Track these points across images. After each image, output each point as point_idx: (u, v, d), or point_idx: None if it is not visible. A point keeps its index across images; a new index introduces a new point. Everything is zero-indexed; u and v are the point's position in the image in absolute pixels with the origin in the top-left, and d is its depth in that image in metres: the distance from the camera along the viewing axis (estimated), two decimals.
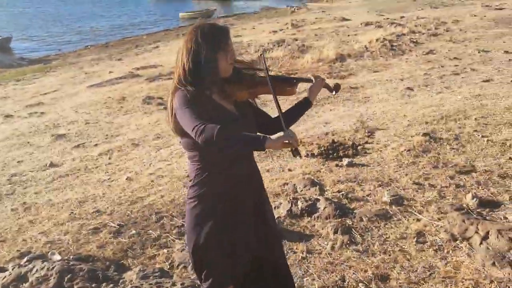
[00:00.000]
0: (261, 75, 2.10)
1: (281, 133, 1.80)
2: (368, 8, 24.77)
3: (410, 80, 7.70)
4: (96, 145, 6.59)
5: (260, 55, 2.12)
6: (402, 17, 17.85)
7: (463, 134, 5.02)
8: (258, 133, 1.95)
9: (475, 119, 5.43)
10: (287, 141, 1.78)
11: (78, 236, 3.85)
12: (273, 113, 2.09)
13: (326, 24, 18.58)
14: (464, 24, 13.88)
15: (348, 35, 13.93)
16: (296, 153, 1.89)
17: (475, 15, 15.83)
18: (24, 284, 2.88)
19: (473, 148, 4.65)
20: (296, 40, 13.85)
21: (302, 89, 2.83)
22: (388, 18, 17.77)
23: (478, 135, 4.95)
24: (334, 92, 2.33)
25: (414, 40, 11.55)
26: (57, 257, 3.39)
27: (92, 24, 37.01)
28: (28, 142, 7.26)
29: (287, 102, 5.24)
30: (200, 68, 1.94)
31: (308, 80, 2.24)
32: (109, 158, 5.98)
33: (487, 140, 4.77)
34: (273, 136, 1.79)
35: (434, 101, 6.39)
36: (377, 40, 11.60)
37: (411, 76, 8.00)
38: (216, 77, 1.97)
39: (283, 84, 2.15)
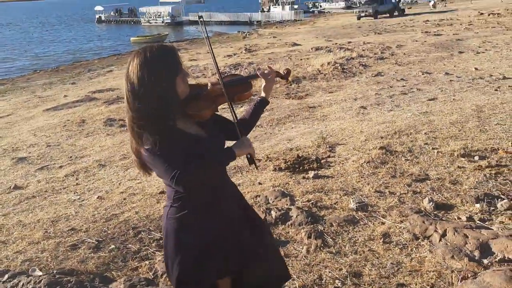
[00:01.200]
0: (212, 85, 2.12)
1: (245, 141, 2.01)
2: (316, 34, 25.90)
3: (363, 100, 8.22)
4: (61, 166, 6.55)
5: (199, 17, 2.16)
6: (349, 42, 18.83)
7: (415, 147, 5.48)
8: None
9: (425, 133, 5.92)
10: (249, 150, 2.01)
11: (57, 253, 3.88)
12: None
13: (278, 49, 19.24)
14: (407, 49, 14.88)
15: (301, 59, 14.55)
16: (251, 161, 2.04)
17: (416, 40, 16.99)
18: None
19: (425, 159, 5.09)
20: (252, 63, 14.30)
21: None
22: (336, 43, 18.69)
23: (429, 147, 5.42)
24: (286, 80, 2.46)
25: (363, 63, 12.28)
26: (38, 273, 3.42)
27: (41, 50, 36.19)
28: None
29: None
30: (162, 99, 1.87)
31: (256, 76, 2.30)
32: (76, 179, 5.98)
33: (437, 152, 5.24)
34: (237, 145, 1.99)
35: (386, 118, 6.89)
36: (328, 63, 12.24)
37: (364, 96, 8.54)
38: (177, 104, 1.93)
39: (240, 88, 2.18)
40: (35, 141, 8.13)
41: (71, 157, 6.99)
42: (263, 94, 2.28)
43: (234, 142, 2.05)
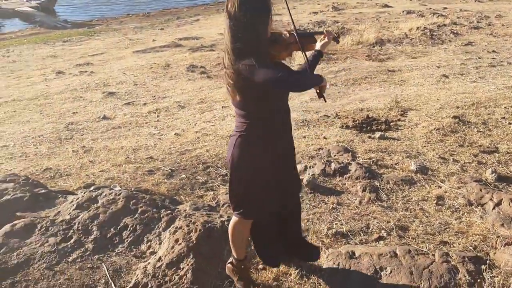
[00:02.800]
0: (289, 33, 2.39)
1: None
2: None
3: (446, 68, 7.92)
4: (145, 104, 7.13)
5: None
6: (445, 8, 17.70)
7: (491, 120, 5.30)
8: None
9: (505, 107, 5.68)
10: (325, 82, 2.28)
11: (135, 175, 4.38)
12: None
13: (367, 9, 18.58)
14: (507, 20, 13.76)
15: (389, 22, 14.01)
16: (321, 95, 2.32)
17: None
18: (95, 204, 3.40)
19: (499, 133, 4.94)
20: (337, 22, 14.04)
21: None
22: (430, 8, 17.64)
23: (505, 122, 5.22)
24: (337, 42, 2.68)
25: (455, 31, 11.62)
26: (118, 188, 3.92)
27: None
28: (81, 97, 7.88)
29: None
30: (260, 34, 2.16)
31: (321, 33, 2.57)
32: (157, 116, 6.50)
33: None
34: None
35: (467, 88, 6.65)
36: (417, 28, 11.71)
37: (448, 64, 8.21)
38: (267, 41, 2.22)
39: (308, 40, 2.51)
40: (124, 79, 8.81)
41: (154, 96, 7.54)
42: (319, 48, 2.49)
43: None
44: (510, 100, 6.01)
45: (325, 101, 2.59)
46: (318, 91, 2.32)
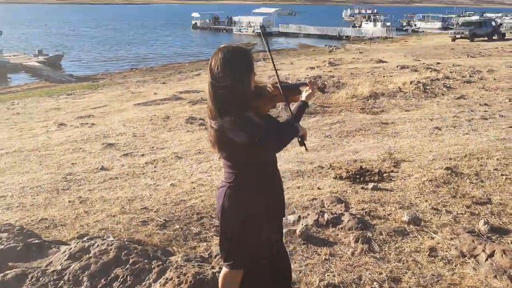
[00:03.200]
0: (273, 86, 2.47)
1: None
2: (405, 53, 25.34)
3: (439, 121, 8.09)
4: (142, 155, 7.23)
5: (261, 27, 2.64)
6: (438, 63, 18.28)
7: (484, 171, 5.37)
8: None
9: (497, 159, 5.77)
10: (305, 131, 2.42)
11: (129, 226, 4.39)
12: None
13: (362, 65, 19.16)
14: (499, 74, 14.19)
15: (384, 76, 14.43)
16: (302, 143, 2.43)
17: (511, 66, 16.09)
18: (87, 255, 3.40)
19: (491, 184, 5.00)
20: (333, 77, 14.44)
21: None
22: (424, 63, 18.23)
23: (498, 173, 5.29)
24: (322, 92, 2.77)
25: (448, 85, 11.95)
26: (111, 239, 3.93)
27: (138, 50, 38.94)
28: (80, 148, 7.99)
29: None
30: (240, 90, 2.23)
31: (306, 84, 2.63)
32: (155, 167, 6.58)
33: (506, 178, 5.11)
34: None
35: (460, 140, 6.77)
36: (411, 82, 12.06)
37: (441, 117, 8.39)
38: (250, 96, 2.29)
39: (293, 92, 2.55)
40: (123, 131, 8.97)
41: (152, 147, 7.66)
42: (304, 99, 2.55)
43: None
44: (502, 152, 6.10)
45: (306, 150, 2.63)
46: (299, 139, 2.41)
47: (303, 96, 2.59)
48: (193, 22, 67.53)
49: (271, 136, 2.25)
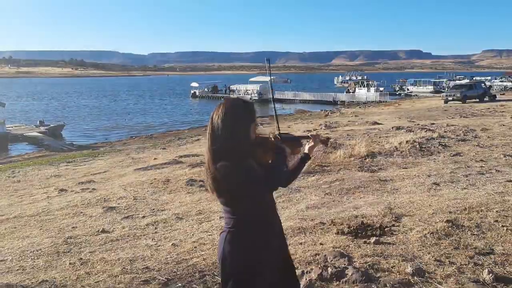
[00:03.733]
0: (274, 137, 2.60)
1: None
2: (399, 115, 25.93)
3: (437, 177, 8.19)
4: (143, 217, 7.23)
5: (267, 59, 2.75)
6: (432, 124, 18.67)
7: (484, 223, 5.40)
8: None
9: (497, 211, 5.81)
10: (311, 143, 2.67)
11: (131, 285, 4.35)
12: None
13: (358, 127, 19.56)
14: (492, 132, 14.49)
15: (379, 137, 14.68)
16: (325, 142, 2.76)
17: (503, 125, 16.48)
18: None
19: (493, 235, 5.01)
20: (329, 138, 14.69)
21: None
22: (418, 124, 18.62)
23: (499, 225, 5.31)
24: (325, 145, 2.96)
25: (443, 144, 12.17)
26: None
27: (138, 119, 39.78)
28: (81, 212, 7.99)
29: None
30: (240, 139, 2.38)
31: (307, 137, 2.77)
32: (155, 228, 6.56)
33: (507, 229, 5.13)
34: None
35: (459, 195, 6.83)
36: (407, 141, 12.27)
37: (438, 173, 8.50)
38: (250, 145, 2.43)
39: (293, 144, 2.66)
40: (124, 194, 9.01)
41: (153, 209, 7.67)
42: (306, 151, 2.70)
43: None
44: (501, 204, 6.16)
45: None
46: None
47: (306, 149, 2.71)
48: (192, 91, 69.38)
49: (271, 176, 2.39)
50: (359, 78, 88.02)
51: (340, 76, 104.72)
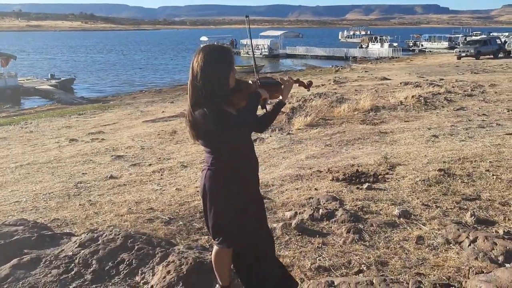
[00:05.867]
0: (252, 82, 2.64)
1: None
2: (409, 71, 25.66)
3: (437, 129, 8.32)
4: (150, 164, 7.54)
5: (246, 16, 2.82)
6: (441, 79, 18.55)
7: (476, 172, 5.58)
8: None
9: (490, 162, 5.98)
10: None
11: (135, 223, 4.66)
12: None
13: (367, 82, 19.50)
14: (500, 88, 14.41)
15: (387, 92, 14.72)
16: (263, 106, 2.65)
17: None
18: (96, 243, 3.68)
19: (482, 183, 5.20)
20: (336, 93, 14.76)
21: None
22: (427, 80, 18.50)
23: (490, 174, 5.49)
24: (308, 89, 2.97)
25: (449, 99, 12.20)
26: (118, 230, 4.19)
27: (148, 74, 39.74)
28: (91, 160, 8.33)
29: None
30: (217, 86, 2.45)
31: (280, 83, 2.75)
32: (161, 175, 6.88)
33: (497, 178, 5.32)
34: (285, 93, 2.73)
35: (456, 146, 6.99)
36: (413, 96, 12.33)
37: (439, 126, 8.63)
38: (228, 91, 2.49)
39: (271, 88, 2.69)
40: (132, 144, 9.32)
41: (159, 158, 7.98)
42: (280, 97, 2.77)
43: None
44: (495, 155, 6.31)
45: (267, 111, 2.78)
46: (261, 104, 2.62)
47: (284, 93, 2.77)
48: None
49: (243, 120, 2.50)
50: (363, 33, 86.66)
51: (345, 31, 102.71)
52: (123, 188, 6.27)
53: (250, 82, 2.69)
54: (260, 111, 2.67)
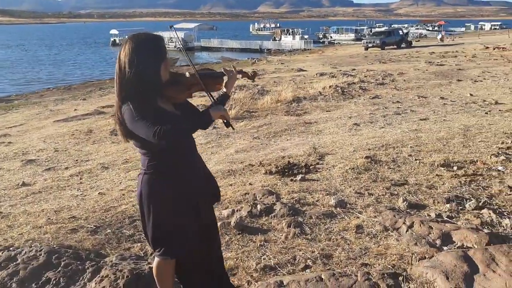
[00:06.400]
0: (190, 75, 2.40)
1: (213, 106, 2.29)
2: (323, 62, 26.54)
3: (357, 118, 8.60)
4: (66, 168, 6.95)
5: (170, 26, 2.51)
6: (353, 69, 19.36)
7: (400, 158, 5.80)
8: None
9: (410, 147, 6.26)
10: (223, 113, 2.29)
11: (57, 235, 4.21)
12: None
13: (284, 74, 19.80)
14: (408, 76, 15.33)
15: (305, 83, 15.04)
16: (227, 124, 2.37)
17: (418, 69, 17.46)
18: (14, 262, 3.24)
19: (407, 168, 5.41)
20: (257, 85, 14.78)
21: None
22: (341, 70, 19.22)
23: (412, 159, 5.74)
24: (252, 80, 2.79)
25: (363, 88, 12.71)
26: (39, 246, 3.75)
27: (53, 70, 37.16)
28: None
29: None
30: (146, 78, 2.18)
31: (223, 74, 2.48)
32: (80, 179, 6.36)
33: (419, 162, 5.56)
34: (212, 109, 2.26)
35: (377, 133, 7.25)
36: (330, 86, 12.69)
37: (358, 115, 8.92)
38: (159, 86, 2.24)
39: (211, 80, 2.45)
40: (44, 147, 8.56)
41: (76, 160, 7.39)
42: (224, 89, 2.47)
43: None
44: (414, 140, 6.62)
45: (233, 129, 2.64)
46: (224, 121, 2.39)
47: (223, 87, 2.49)
48: (112, 39, 65.79)
49: (169, 128, 2.13)
50: (273, 26, 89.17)
51: (256, 24, 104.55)
52: (38, 196, 5.70)
53: (187, 74, 2.44)
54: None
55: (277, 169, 5.65)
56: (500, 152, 5.77)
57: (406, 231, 3.70)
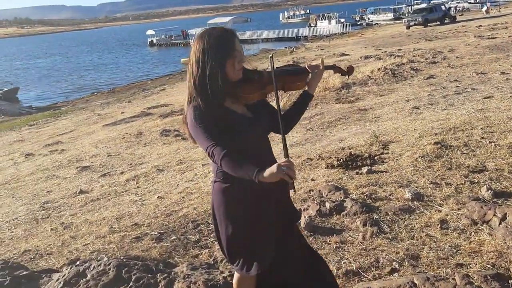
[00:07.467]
0: (267, 72, 2.12)
1: (274, 169, 1.81)
2: (364, 44, 25.73)
3: (415, 101, 8.11)
4: (122, 173, 6.91)
5: (270, 57, 2.09)
6: (399, 49, 18.59)
7: (472, 141, 5.35)
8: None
9: (481, 128, 5.77)
10: (281, 176, 1.80)
11: (122, 244, 4.11)
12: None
13: (326, 60, 19.18)
14: (459, 52, 14.50)
15: None
16: (291, 186, 1.86)
17: (469, 44, 16.52)
18: (84, 279, 3.12)
19: (482, 152, 4.96)
20: (352, 67, 14.41)
21: None
22: (386, 52, 18.48)
23: (486, 141, 5.27)
24: (347, 76, 2.42)
25: (414, 68, 12.09)
26: (106, 259, 3.64)
27: (96, 74, 38.09)
28: (53, 175, 7.60)
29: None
30: (210, 76, 1.99)
31: (307, 71, 2.21)
32: (137, 183, 6.28)
33: (495, 145, 5.09)
34: (266, 172, 1.83)
35: (440, 116, 6.77)
36: (378, 69, 12.14)
37: (416, 97, 8.42)
38: (226, 85, 2.01)
39: (291, 78, 2.17)
40: (96, 152, 8.60)
41: (131, 164, 7.35)
42: (306, 88, 2.24)
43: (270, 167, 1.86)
44: (483, 121, 6.12)
45: (294, 192, 2.03)
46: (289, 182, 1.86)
47: (307, 84, 2.21)
48: (149, 40, 66.79)
49: (220, 153, 1.91)
50: (302, 12, 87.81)
51: (285, 12, 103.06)
52: (97, 203, 5.65)
53: (264, 71, 2.16)
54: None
55: (339, 162, 5.33)
56: None
57: (499, 224, 3.33)
